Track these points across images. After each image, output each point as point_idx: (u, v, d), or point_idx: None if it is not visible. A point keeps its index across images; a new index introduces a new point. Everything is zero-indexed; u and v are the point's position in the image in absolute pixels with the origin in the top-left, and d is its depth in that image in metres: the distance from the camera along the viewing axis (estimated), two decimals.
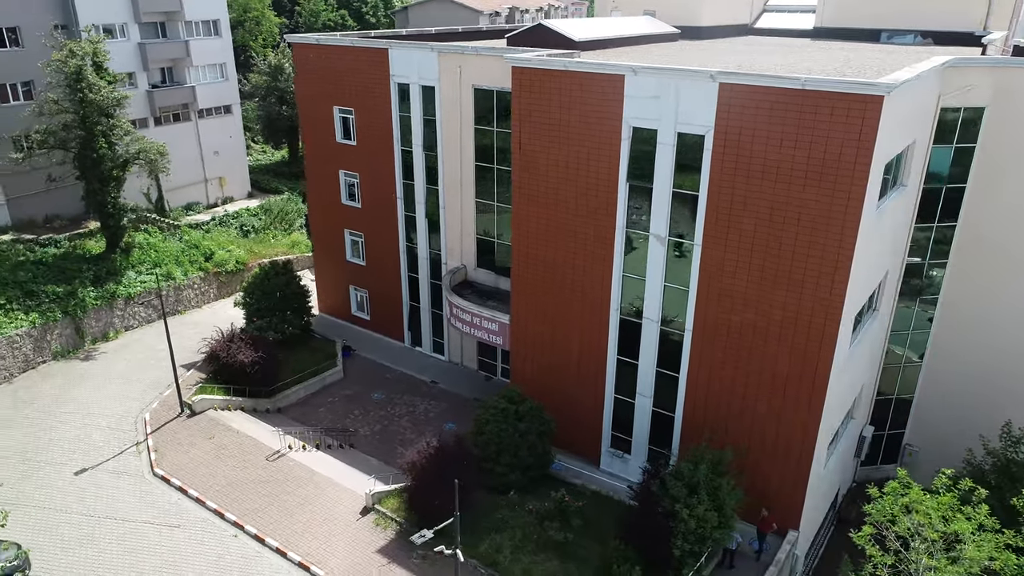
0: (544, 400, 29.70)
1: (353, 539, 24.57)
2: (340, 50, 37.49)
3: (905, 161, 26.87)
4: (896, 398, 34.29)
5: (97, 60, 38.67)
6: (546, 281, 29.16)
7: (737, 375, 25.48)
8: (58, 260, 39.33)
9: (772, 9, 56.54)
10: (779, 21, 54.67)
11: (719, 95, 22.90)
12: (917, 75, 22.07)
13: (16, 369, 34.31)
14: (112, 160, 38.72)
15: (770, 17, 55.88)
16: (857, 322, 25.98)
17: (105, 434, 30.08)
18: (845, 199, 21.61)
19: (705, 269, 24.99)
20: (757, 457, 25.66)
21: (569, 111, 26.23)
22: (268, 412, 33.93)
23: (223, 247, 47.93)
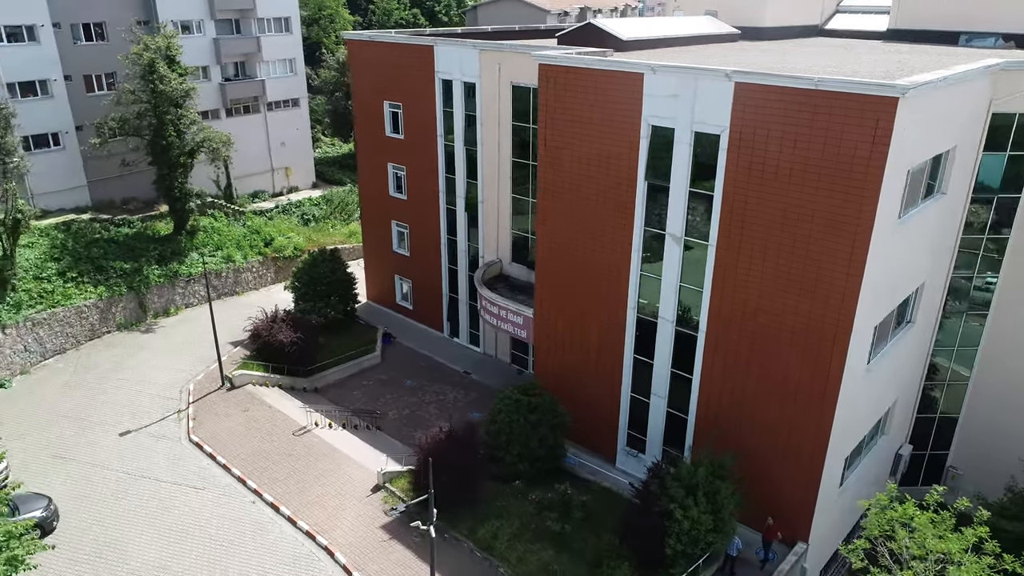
0: (565, 395, 30.05)
1: (360, 514, 25.66)
2: (390, 47, 38.84)
3: (944, 167, 25.73)
4: (939, 416, 32.91)
5: (170, 54, 41.39)
6: (568, 277, 29.46)
7: (749, 379, 25.11)
8: (129, 239, 42.35)
9: (845, 10, 54.58)
10: (851, 22, 52.73)
11: (734, 94, 22.67)
12: (943, 78, 21.21)
13: (83, 337, 37.28)
14: (179, 148, 41.38)
15: (842, 18, 53.98)
16: (880, 333, 25.06)
17: (152, 400, 32.37)
18: (858, 205, 21.03)
19: (719, 270, 24.75)
20: (767, 465, 25.21)
21: (591, 108, 26.46)
22: (305, 391, 35.59)
23: (283, 234, 50.29)
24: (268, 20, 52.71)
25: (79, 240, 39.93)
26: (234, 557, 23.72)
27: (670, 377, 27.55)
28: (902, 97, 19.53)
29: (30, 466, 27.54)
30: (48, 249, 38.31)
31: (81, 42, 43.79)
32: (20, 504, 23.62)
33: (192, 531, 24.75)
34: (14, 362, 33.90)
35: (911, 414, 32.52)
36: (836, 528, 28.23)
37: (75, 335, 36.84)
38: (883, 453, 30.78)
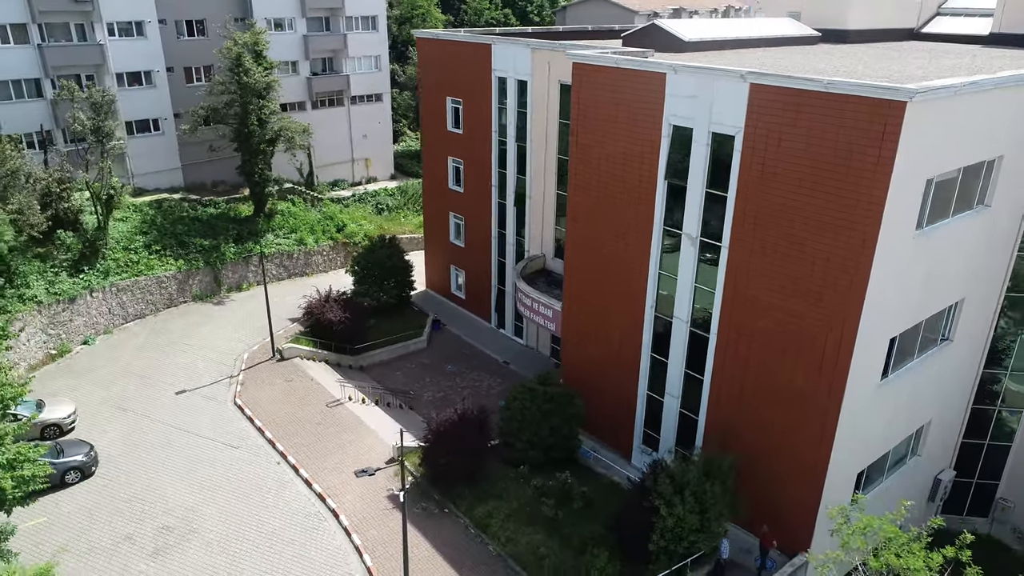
0: (587, 389, 30.59)
1: (371, 483, 27.23)
2: (453, 44, 40.43)
3: (988, 179, 24.37)
4: (988, 444, 31.05)
5: (257, 49, 44.70)
6: (593, 273, 29.92)
7: (757, 384, 24.80)
8: (212, 218, 46.08)
9: (946, 12, 51.66)
10: (950, 26, 49.86)
11: (749, 95, 22.51)
12: (968, 82, 20.27)
13: (161, 305, 41.05)
14: (260, 136, 44.62)
15: (941, 21, 51.13)
16: (902, 347, 24.11)
17: (210, 365, 35.36)
18: (865, 211, 20.47)
19: (731, 272, 24.59)
20: (770, 471, 24.82)
21: (618, 107, 26.84)
22: (350, 368, 37.74)
23: (356, 221, 53.05)
24: (356, 18, 55.64)
25: (167, 217, 43.88)
26: (252, 509, 25.86)
27: (683, 377, 27.52)
28: (910, 101, 18.91)
29: (96, 414, 30.90)
30: (139, 224, 42.36)
31: (184, 37, 47.98)
32: (65, 448, 26.72)
33: (221, 483, 27.11)
34: (99, 322, 37.88)
35: (956, 438, 30.84)
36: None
37: (154, 302, 40.62)
38: (917, 476, 29.38)
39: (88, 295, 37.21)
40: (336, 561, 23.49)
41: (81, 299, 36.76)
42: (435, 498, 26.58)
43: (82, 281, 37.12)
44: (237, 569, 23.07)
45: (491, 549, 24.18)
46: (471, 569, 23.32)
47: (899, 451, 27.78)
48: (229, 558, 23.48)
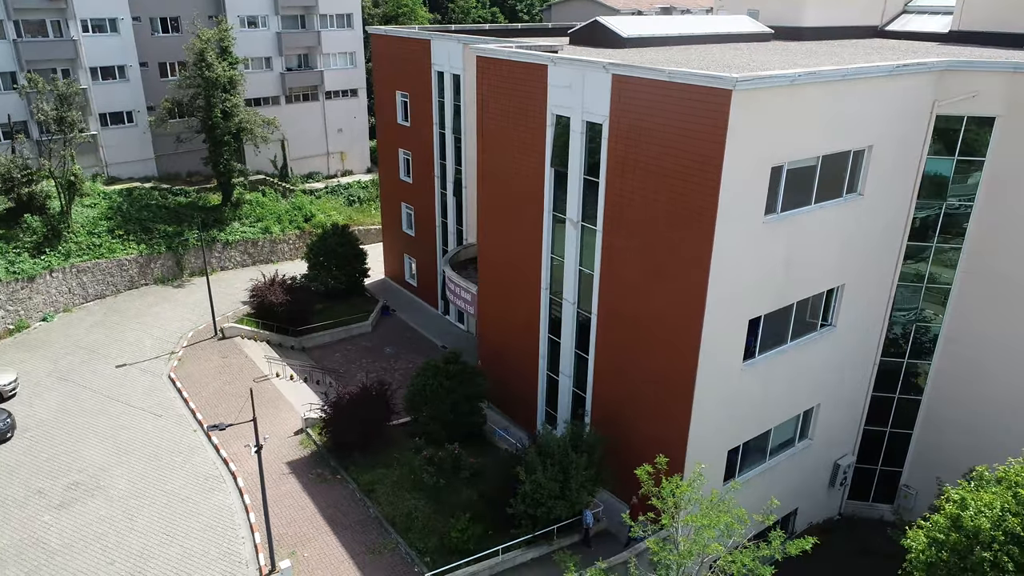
0: (499, 369, 32.02)
1: (275, 450, 28.96)
2: (400, 40, 42.09)
3: (854, 167, 25.15)
4: (890, 431, 31.74)
5: (224, 45, 46.83)
6: (501, 258, 31.30)
7: (630, 363, 25.94)
8: (180, 207, 48.33)
9: (912, 10, 51.93)
10: (915, 24, 50.19)
11: (612, 86, 23.69)
12: (799, 73, 21.20)
13: (122, 286, 43.36)
14: (224, 128, 46.72)
15: (906, 19, 51.43)
16: (770, 332, 24.99)
17: (155, 342, 37.47)
18: (704, 196, 21.51)
19: (605, 256, 25.79)
20: (642, 444, 25.84)
21: (512, 98, 28.18)
22: (292, 348, 39.58)
23: (325, 212, 55.02)
24: (331, 16, 57.58)
25: (134, 204, 46.19)
26: (159, 471, 27.79)
27: (574, 357, 28.74)
28: (734, 89, 19.96)
29: (39, 384, 33.14)
30: (105, 210, 44.72)
31: (158, 34, 50.36)
32: None
33: (136, 447, 29.08)
34: (59, 300, 40.25)
35: (858, 424, 31.57)
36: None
37: (115, 284, 42.94)
38: (813, 460, 30.17)
39: (48, 275, 39.59)
40: (223, 517, 25.23)
41: (40, 278, 39.15)
42: (331, 465, 28.19)
43: (42, 262, 39.52)
44: (131, 521, 24.96)
45: (371, 512, 25.69)
46: (346, 528, 24.88)
47: (784, 433, 28.61)
48: (126, 511, 25.39)
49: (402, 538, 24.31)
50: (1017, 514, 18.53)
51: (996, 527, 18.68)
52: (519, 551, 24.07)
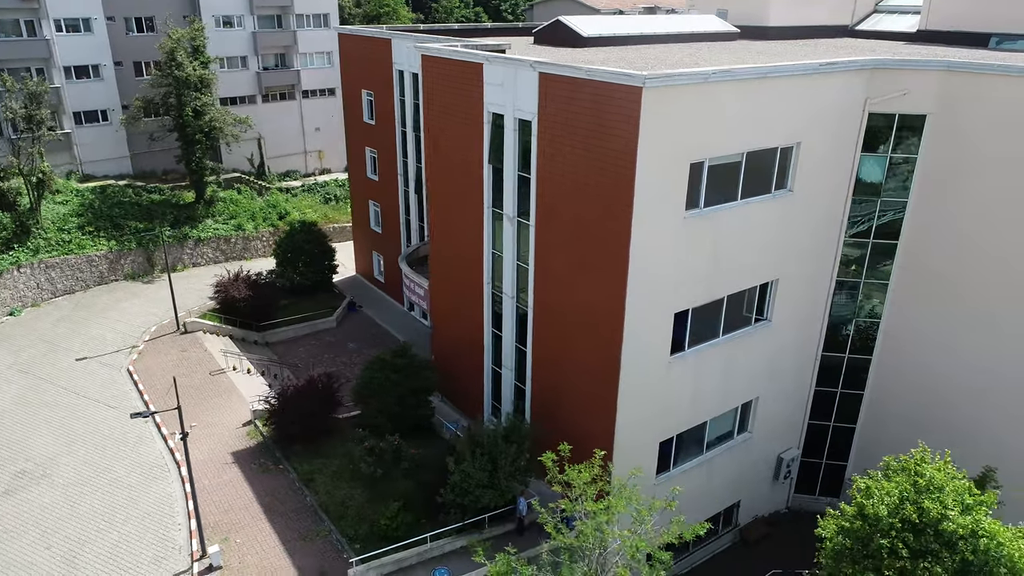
0: (450, 363, 32.57)
1: (222, 441, 29.56)
2: (365, 40, 42.68)
3: (782, 164, 25.52)
4: (834, 426, 32.16)
5: (196, 44, 47.50)
6: (449, 253, 31.84)
7: (563, 356, 26.43)
8: (153, 204, 49.00)
9: (883, 10, 52.28)
10: (884, 23, 50.55)
11: (539, 83, 24.19)
12: (714, 71, 21.65)
13: (92, 282, 44.05)
14: (195, 127, 47.39)
15: (877, 19, 51.79)
16: (695, 325, 25.40)
17: (118, 336, 38.13)
18: (622, 191, 21.96)
19: (538, 250, 26.29)
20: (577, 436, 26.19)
21: (453, 95, 28.71)
22: (256, 343, 40.19)
23: (300, 209, 55.62)
24: (307, 16, 58.25)
25: (106, 201, 46.90)
26: (106, 459, 28.45)
27: (515, 350, 29.24)
28: (644, 87, 20.41)
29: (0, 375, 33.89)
30: (77, 207, 45.43)
31: (133, 33, 51.09)
32: None
33: (87, 437, 29.72)
34: (27, 295, 40.97)
35: (803, 418, 31.97)
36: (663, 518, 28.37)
37: (84, 279, 43.64)
38: (755, 453, 30.59)
39: (15, 270, 40.30)
40: (163, 504, 25.83)
41: (8, 274, 39.87)
42: (275, 455, 28.77)
43: (10, 257, 40.24)
44: (72, 508, 25.59)
45: (308, 500, 26.25)
46: (282, 515, 25.45)
47: (721, 426, 29.03)
48: (68, 498, 26.03)
49: (334, 525, 24.86)
50: (913, 502, 18.97)
51: (893, 515, 19.13)
52: (449, 539, 24.57)
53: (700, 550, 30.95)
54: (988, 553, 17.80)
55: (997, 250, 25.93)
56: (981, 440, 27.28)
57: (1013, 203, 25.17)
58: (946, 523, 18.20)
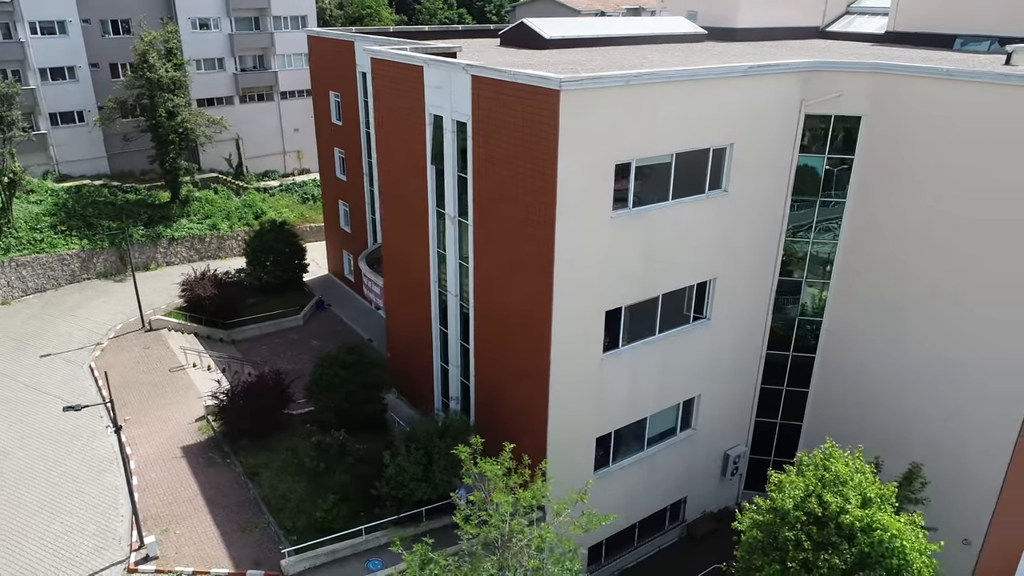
0: (404, 360, 33.14)
1: (174, 435, 30.21)
2: (331, 42, 43.30)
3: (715, 165, 25.94)
4: (780, 423, 32.62)
5: (169, 46, 48.20)
6: (400, 252, 32.46)
7: (501, 354, 26.97)
8: (128, 204, 49.73)
9: (854, 11, 52.67)
10: (854, 24, 50.95)
11: (472, 86, 24.73)
12: (636, 74, 22.13)
13: (63, 280, 44.79)
14: (168, 127, 48.09)
15: (847, 20, 52.20)
16: (630, 323, 25.87)
17: (84, 333, 38.85)
18: (546, 192, 22.43)
19: (476, 249, 26.82)
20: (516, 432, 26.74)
21: (399, 97, 29.29)
22: (221, 341, 40.83)
23: (276, 209, 56.29)
24: (284, 18, 58.91)
25: (80, 201, 47.63)
26: (57, 453, 29.16)
27: (460, 348, 29.79)
28: (561, 89, 20.92)
29: None
30: (51, 206, 46.16)
31: (109, 35, 51.83)
32: None
33: (42, 431, 30.43)
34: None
35: (749, 416, 32.42)
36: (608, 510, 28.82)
37: (56, 277, 44.39)
38: (701, 449, 31.01)
39: None
40: (109, 496, 26.49)
41: None
42: (223, 450, 29.39)
43: None
44: (20, 499, 26.28)
45: (251, 493, 26.87)
46: (224, 507, 26.06)
47: (663, 422, 29.48)
48: (16, 490, 26.74)
49: (273, 518, 25.46)
50: (817, 496, 19.47)
51: (799, 508, 19.64)
52: (385, 531, 25.10)
53: (646, 544, 31.45)
54: (882, 544, 18.29)
55: (924, 251, 26.38)
56: (914, 438, 27.73)
57: (939, 204, 25.58)
58: (845, 516, 18.70)
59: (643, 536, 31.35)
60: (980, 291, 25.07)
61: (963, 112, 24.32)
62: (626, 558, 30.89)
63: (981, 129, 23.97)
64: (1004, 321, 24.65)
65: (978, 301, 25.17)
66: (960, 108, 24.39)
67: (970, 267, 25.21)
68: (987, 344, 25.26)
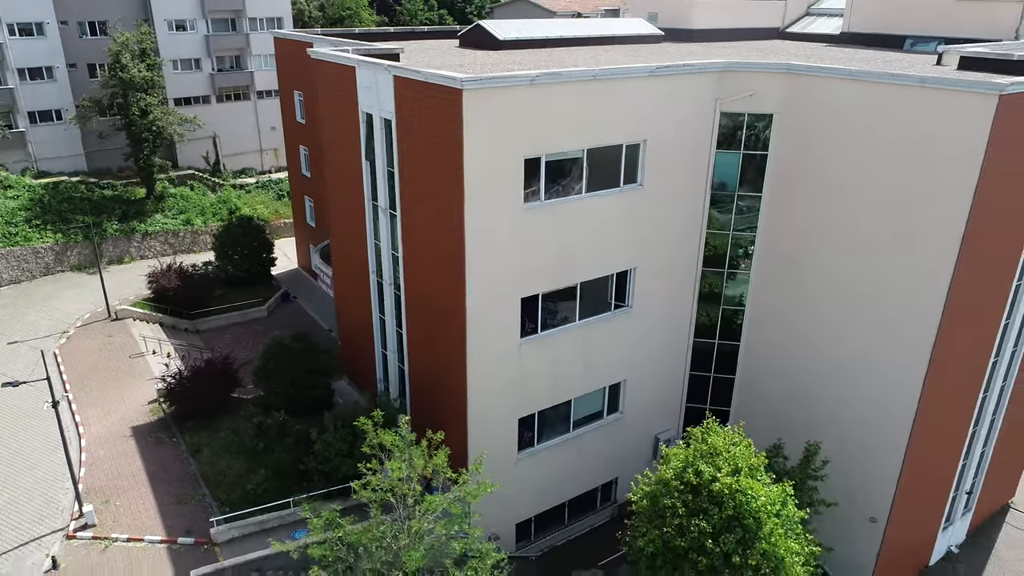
0: (352, 347, 34.70)
1: (126, 417, 31.93)
2: (293, 43, 44.92)
3: (630, 160, 27.28)
4: (709, 408, 33.94)
5: (143, 47, 49.96)
6: (344, 243, 34.03)
7: (429, 338, 28.50)
8: (103, 199, 51.52)
9: (814, 13, 53.95)
10: (813, 26, 52.23)
11: (394, 85, 26.27)
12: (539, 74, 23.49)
13: (37, 272, 46.61)
14: (141, 126, 49.85)
15: (806, 22, 53.49)
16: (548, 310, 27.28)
17: (52, 322, 40.61)
18: (455, 185, 23.91)
19: (404, 239, 28.38)
20: (443, 413, 28.33)
21: (338, 96, 30.85)
22: (186, 331, 42.54)
23: (251, 205, 58.00)
24: (260, 20, 60.61)
25: (56, 196, 49.44)
26: (12, 432, 31.02)
27: (396, 334, 31.36)
28: (463, 89, 22.41)
29: None
30: (27, 201, 47.97)
31: (86, 36, 53.65)
32: None
33: (1, 412, 32.10)
34: None
35: (680, 402, 33.78)
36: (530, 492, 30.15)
37: (30, 270, 46.20)
38: (631, 433, 32.34)
39: None
40: (58, 472, 28.20)
41: None
42: (171, 430, 31.07)
43: None
44: None
45: (192, 469, 28.53)
46: (164, 482, 27.74)
47: (589, 406, 30.79)
48: None
49: (209, 491, 27.09)
50: (693, 466, 20.98)
51: (678, 478, 21.14)
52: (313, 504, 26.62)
53: (579, 523, 32.87)
54: (744, 507, 19.77)
55: (831, 246, 27.59)
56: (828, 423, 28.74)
57: (841, 200, 26.90)
58: (715, 484, 20.19)
59: (575, 515, 32.78)
60: (878, 285, 26.24)
61: (862, 110, 25.58)
62: (556, 536, 32.30)
63: (876, 127, 25.28)
64: (898, 313, 25.89)
65: (877, 294, 26.38)
66: (859, 106, 25.63)
67: (869, 263, 26.46)
68: (885, 334, 26.51)
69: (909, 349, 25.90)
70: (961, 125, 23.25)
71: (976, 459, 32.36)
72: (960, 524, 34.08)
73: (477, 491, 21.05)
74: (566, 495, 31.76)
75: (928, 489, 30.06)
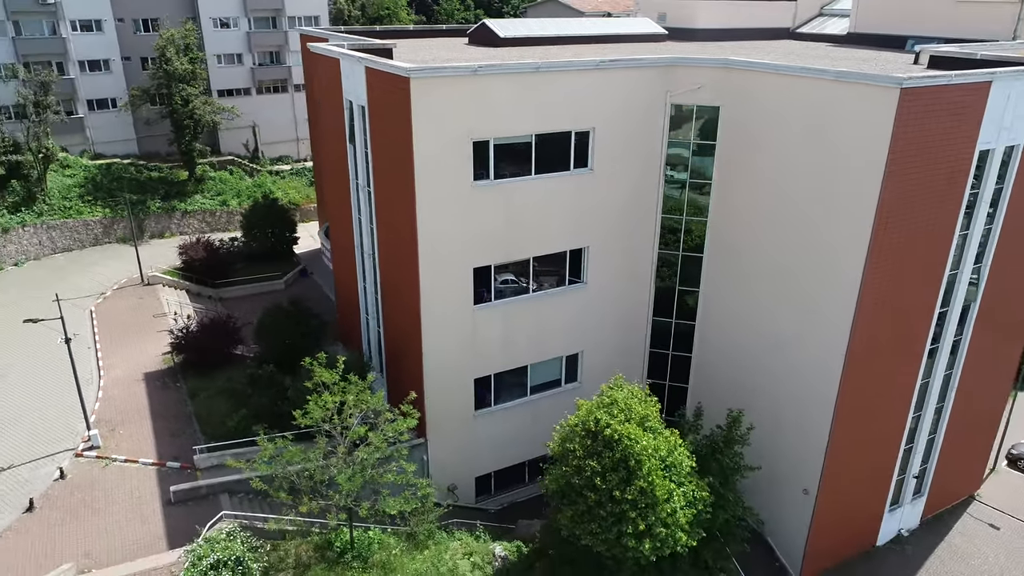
0: (345, 315, 38.36)
1: (141, 364, 36.50)
2: (317, 40, 48.94)
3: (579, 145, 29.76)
4: (669, 384, 36.07)
5: (186, 42, 55.09)
6: (338, 220, 37.70)
7: (396, 303, 31.79)
8: (151, 180, 56.98)
9: (826, 13, 55.01)
10: (823, 26, 53.38)
11: (365, 75, 29.65)
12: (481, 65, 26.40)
13: (88, 243, 52.24)
14: (183, 114, 55.00)
15: (817, 22, 54.58)
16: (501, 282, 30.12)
17: (94, 284, 45.96)
18: (407, 164, 27.03)
19: (377, 214, 31.76)
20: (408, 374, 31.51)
21: (329, 86, 34.50)
22: (210, 298, 47.20)
23: (284, 190, 62.72)
24: (298, 18, 65.26)
25: (107, 176, 55.07)
26: (46, 370, 35.92)
27: (375, 301, 34.80)
28: (411, 77, 25.53)
29: None
30: (82, 179, 53.69)
31: (140, 32, 59.22)
32: None
33: (41, 355, 37.19)
34: (30, 251, 49.34)
35: (641, 376, 35.97)
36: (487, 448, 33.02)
37: (81, 240, 51.84)
38: None
39: (21, 229, 48.67)
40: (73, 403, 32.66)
41: (13, 231, 48.24)
42: (177, 377, 35.40)
43: (17, 218, 48.62)
44: (12, 399, 33.13)
45: (188, 409, 32.72)
46: (163, 418, 32.01)
47: (545, 373, 33.35)
48: (11, 397, 33.69)
49: (199, 427, 31.15)
50: (593, 415, 23.63)
51: (580, 424, 23.86)
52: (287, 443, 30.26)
53: (531, 485, 35.38)
54: (629, 450, 22.34)
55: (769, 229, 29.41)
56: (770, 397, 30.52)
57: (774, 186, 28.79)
58: (607, 430, 22.82)
59: (535, 475, 35.40)
60: (803, 269, 28.08)
61: (787, 103, 27.49)
62: (517, 492, 35.06)
63: (798, 118, 27.15)
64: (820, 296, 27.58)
65: (802, 277, 28.20)
66: (785, 99, 27.54)
67: (795, 248, 28.30)
68: (809, 317, 28.22)
69: (830, 330, 27.43)
70: (870, 116, 24.95)
71: (923, 445, 33.26)
72: (911, 508, 34.96)
73: (399, 425, 24.16)
74: (525, 456, 34.43)
75: (864, 468, 31.14)
